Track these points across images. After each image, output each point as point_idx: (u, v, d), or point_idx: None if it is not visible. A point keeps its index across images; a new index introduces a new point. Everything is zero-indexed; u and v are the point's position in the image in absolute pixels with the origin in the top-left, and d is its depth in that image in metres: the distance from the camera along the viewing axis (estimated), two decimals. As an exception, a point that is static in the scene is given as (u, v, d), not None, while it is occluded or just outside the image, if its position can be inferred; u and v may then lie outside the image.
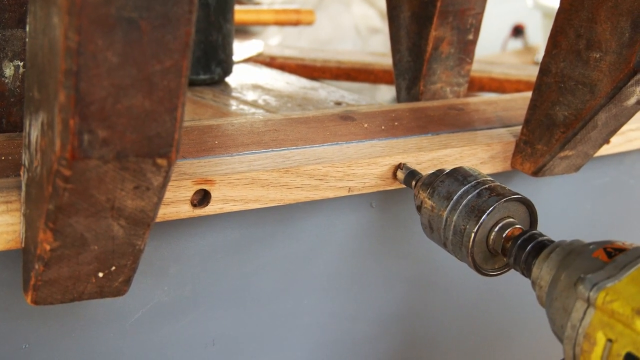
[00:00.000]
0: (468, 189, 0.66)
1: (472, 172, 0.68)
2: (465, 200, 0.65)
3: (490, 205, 0.64)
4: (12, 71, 0.68)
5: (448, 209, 0.66)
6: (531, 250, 0.62)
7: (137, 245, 0.52)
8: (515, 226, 0.65)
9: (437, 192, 0.67)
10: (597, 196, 0.99)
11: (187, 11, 0.44)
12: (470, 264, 0.65)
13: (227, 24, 1.06)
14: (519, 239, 0.63)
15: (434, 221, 0.67)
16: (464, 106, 0.89)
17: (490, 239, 0.65)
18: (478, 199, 0.65)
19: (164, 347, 0.72)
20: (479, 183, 0.66)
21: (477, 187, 0.66)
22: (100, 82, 0.43)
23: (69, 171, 0.45)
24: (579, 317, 0.53)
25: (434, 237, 0.69)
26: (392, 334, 0.88)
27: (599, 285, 0.52)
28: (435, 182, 0.68)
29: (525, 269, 0.62)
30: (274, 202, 0.67)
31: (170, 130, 0.46)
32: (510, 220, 0.65)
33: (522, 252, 0.62)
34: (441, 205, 0.67)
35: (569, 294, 0.55)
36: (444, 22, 0.87)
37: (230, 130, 0.74)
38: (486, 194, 0.65)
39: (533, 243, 0.62)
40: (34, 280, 0.53)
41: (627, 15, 0.67)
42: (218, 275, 0.72)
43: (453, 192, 0.66)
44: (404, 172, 0.73)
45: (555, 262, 0.59)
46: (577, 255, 0.57)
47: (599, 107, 0.71)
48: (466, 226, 0.64)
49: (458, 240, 0.65)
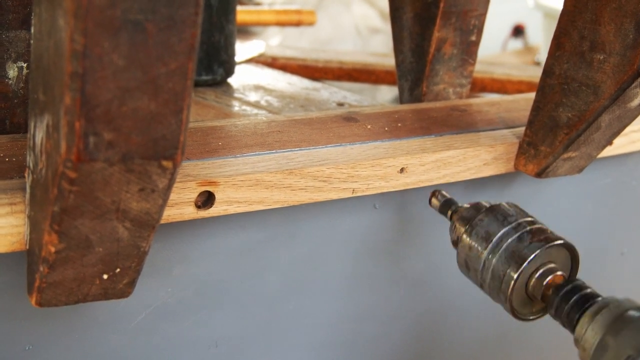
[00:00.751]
0: (508, 231, 0.63)
1: (512, 211, 0.65)
2: (506, 244, 0.62)
3: (532, 252, 0.61)
4: (16, 72, 0.68)
5: (487, 252, 0.63)
6: (574, 305, 0.59)
7: (141, 247, 0.52)
8: (557, 273, 0.62)
9: (475, 231, 0.65)
10: (599, 197, 0.99)
11: (192, 13, 0.44)
12: (508, 310, 0.63)
13: (229, 24, 1.06)
14: (561, 290, 0.61)
15: (472, 261, 0.65)
16: (466, 107, 0.89)
17: (530, 285, 0.62)
18: (519, 243, 0.62)
19: (167, 349, 0.72)
20: (519, 225, 0.63)
21: (518, 230, 0.63)
22: (106, 85, 0.43)
23: (75, 173, 0.45)
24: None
25: (470, 276, 0.66)
26: (396, 335, 0.88)
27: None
28: (474, 220, 0.65)
29: (567, 323, 0.60)
30: (277, 204, 0.66)
31: (175, 133, 0.46)
32: (551, 266, 0.63)
33: (565, 304, 0.60)
34: (480, 246, 0.64)
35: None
36: (446, 24, 0.87)
37: (233, 131, 0.74)
38: (527, 238, 0.62)
39: (577, 296, 0.59)
40: (39, 282, 0.53)
41: (631, 17, 0.67)
42: (222, 276, 0.72)
43: (493, 234, 0.63)
44: (439, 200, 0.71)
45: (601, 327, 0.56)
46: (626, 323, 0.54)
47: (603, 108, 0.71)
48: (505, 272, 0.62)
49: (496, 285, 0.63)
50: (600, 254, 1.04)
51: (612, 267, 1.06)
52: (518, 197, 0.90)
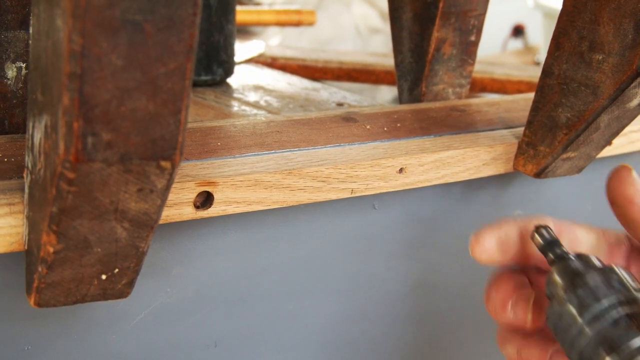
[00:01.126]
0: (608, 307, 0.54)
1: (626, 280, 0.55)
2: (599, 324, 0.53)
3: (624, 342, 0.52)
4: (15, 73, 0.68)
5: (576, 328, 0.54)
6: None
7: (140, 248, 0.52)
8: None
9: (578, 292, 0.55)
10: (599, 197, 0.99)
11: (191, 14, 0.44)
12: None
13: (228, 24, 1.06)
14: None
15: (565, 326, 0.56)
16: (466, 107, 0.89)
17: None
18: (613, 328, 0.53)
19: (166, 349, 0.72)
20: (620, 303, 0.54)
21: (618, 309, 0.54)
22: (104, 85, 0.43)
23: (73, 174, 0.45)
24: None
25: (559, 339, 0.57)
26: (395, 336, 0.88)
27: None
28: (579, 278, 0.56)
29: None
30: (276, 204, 0.66)
31: (174, 133, 0.46)
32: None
33: None
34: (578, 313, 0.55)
35: None
36: (446, 24, 0.87)
37: (232, 131, 0.74)
38: (624, 323, 0.53)
39: None
40: (37, 282, 0.53)
41: (630, 17, 0.67)
42: (220, 277, 0.72)
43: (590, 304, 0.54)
44: (541, 240, 0.61)
45: None
46: None
47: (602, 108, 0.71)
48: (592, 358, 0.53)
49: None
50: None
51: (612, 267, 1.06)
52: (517, 197, 0.90)
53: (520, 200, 0.90)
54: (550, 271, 0.59)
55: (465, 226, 0.87)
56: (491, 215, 0.89)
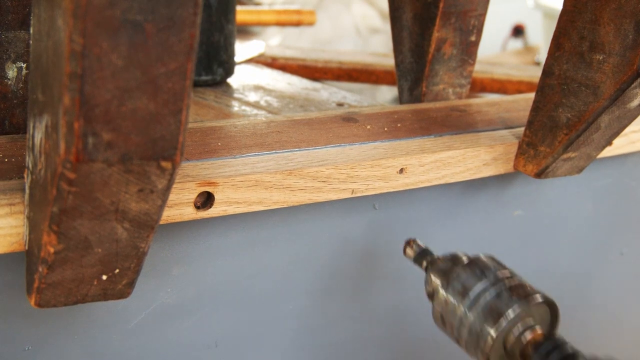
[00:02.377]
0: (487, 286, 0.61)
1: (491, 263, 0.64)
2: (483, 300, 0.60)
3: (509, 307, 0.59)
4: (15, 73, 0.68)
5: (464, 307, 0.61)
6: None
7: (140, 248, 0.52)
8: (536, 330, 0.60)
9: (452, 285, 0.63)
10: (598, 198, 0.99)
11: (191, 14, 0.44)
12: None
13: (228, 24, 1.06)
14: (540, 347, 0.59)
15: (448, 316, 0.63)
16: (466, 107, 0.89)
17: (509, 343, 0.60)
18: (497, 299, 0.60)
19: (166, 349, 0.72)
20: (498, 280, 0.61)
21: (496, 285, 0.61)
22: (104, 85, 0.43)
23: (74, 174, 0.45)
24: None
25: (446, 331, 0.64)
26: (396, 336, 0.88)
27: None
28: (451, 274, 0.63)
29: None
30: (277, 204, 0.66)
31: (174, 133, 0.46)
32: (530, 322, 0.61)
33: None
34: (456, 301, 0.62)
35: None
36: (446, 24, 0.87)
37: (233, 132, 0.74)
38: (506, 295, 0.60)
39: (557, 353, 0.58)
40: (38, 282, 0.53)
41: (631, 17, 0.67)
42: (221, 277, 0.72)
43: (469, 288, 0.62)
44: (414, 250, 0.69)
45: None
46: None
47: (602, 109, 0.71)
48: (482, 329, 0.60)
49: (474, 341, 0.61)
50: (600, 254, 1.04)
51: (612, 267, 1.06)
52: (517, 198, 0.90)
53: (521, 200, 0.90)
54: (427, 275, 0.66)
55: (466, 226, 0.87)
56: (492, 216, 0.89)
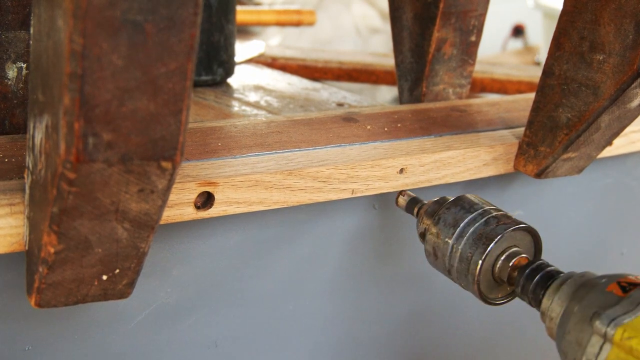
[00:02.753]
0: (475, 216, 0.66)
1: (477, 200, 0.68)
2: (472, 228, 0.65)
3: (497, 233, 0.64)
4: (15, 73, 0.68)
5: (454, 237, 0.66)
6: (539, 281, 0.61)
7: (141, 248, 0.52)
8: (522, 255, 0.65)
9: (442, 219, 0.67)
10: (599, 198, 0.99)
11: (192, 14, 0.44)
12: (476, 293, 0.65)
13: (229, 24, 1.06)
14: (526, 269, 0.63)
15: (439, 248, 0.67)
16: (466, 107, 0.89)
17: (496, 268, 0.65)
18: (485, 226, 0.64)
19: (166, 349, 0.72)
20: (485, 211, 0.66)
21: (484, 215, 0.65)
22: (105, 85, 0.43)
23: (74, 174, 0.45)
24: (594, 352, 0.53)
25: (438, 265, 0.68)
26: (396, 335, 0.88)
27: (616, 321, 0.52)
28: (441, 210, 0.68)
29: (534, 299, 0.62)
30: (277, 205, 0.66)
31: (175, 133, 0.46)
32: (516, 249, 0.65)
33: (530, 282, 0.62)
34: (447, 232, 0.66)
35: (584, 328, 0.54)
36: (446, 24, 0.87)
37: (233, 132, 0.74)
38: (493, 222, 0.65)
39: (541, 273, 0.62)
40: (38, 283, 0.53)
41: (631, 17, 0.67)
42: (221, 277, 0.72)
43: (459, 220, 0.66)
44: (405, 199, 0.73)
45: (566, 295, 0.58)
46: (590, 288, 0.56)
47: (602, 109, 0.71)
48: (473, 254, 0.64)
49: (464, 268, 0.65)
50: (600, 254, 1.04)
51: (612, 267, 1.05)
52: (518, 198, 0.90)
53: (521, 200, 0.90)
54: (418, 218, 0.71)
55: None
56: (491, 216, 0.89)
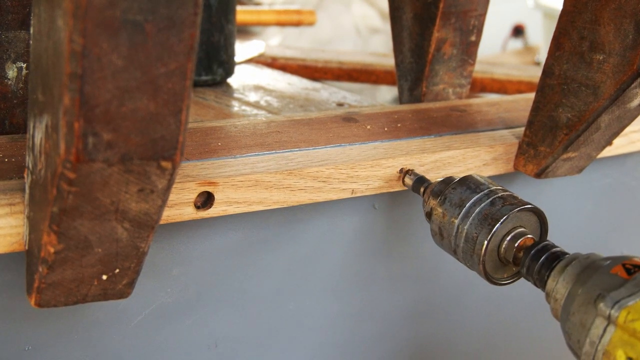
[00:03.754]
0: (481, 197, 0.65)
1: (484, 180, 0.68)
2: (478, 208, 0.64)
3: (503, 214, 0.63)
4: (15, 73, 0.68)
5: (460, 217, 0.65)
6: (545, 262, 0.61)
7: (140, 248, 0.52)
8: (527, 236, 0.64)
9: (448, 199, 0.67)
10: (599, 197, 0.99)
11: (191, 14, 0.44)
12: (481, 273, 0.65)
13: (228, 24, 1.06)
14: (532, 250, 0.63)
15: (445, 228, 0.67)
16: (466, 107, 0.89)
17: (502, 248, 0.65)
18: (491, 207, 0.64)
19: (166, 349, 0.72)
20: (491, 192, 0.66)
21: (490, 196, 0.65)
22: (105, 85, 0.43)
23: (74, 174, 0.45)
24: (598, 333, 0.53)
25: (444, 245, 0.68)
26: (396, 335, 0.88)
27: (620, 304, 0.52)
28: (447, 190, 0.67)
29: (539, 280, 0.62)
30: (277, 204, 0.66)
31: (174, 133, 0.46)
32: (522, 230, 0.65)
33: (536, 263, 0.62)
34: (453, 212, 0.66)
35: (588, 309, 0.54)
36: (446, 24, 0.87)
37: (233, 132, 0.74)
38: (499, 202, 0.64)
39: (547, 254, 0.62)
40: (38, 282, 0.53)
41: (631, 17, 0.67)
42: (221, 277, 0.72)
43: (465, 200, 0.66)
44: (412, 178, 0.72)
45: (571, 276, 0.58)
46: (594, 270, 0.56)
47: (602, 109, 0.71)
48: (478, 234, 0.64)
49: (469, 248, 0.65)
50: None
51: (612, 268, 1.06)
52: (518, 198, 0.90)
53: (521, 200, 0.90)
54: (424, 198, 0.70)
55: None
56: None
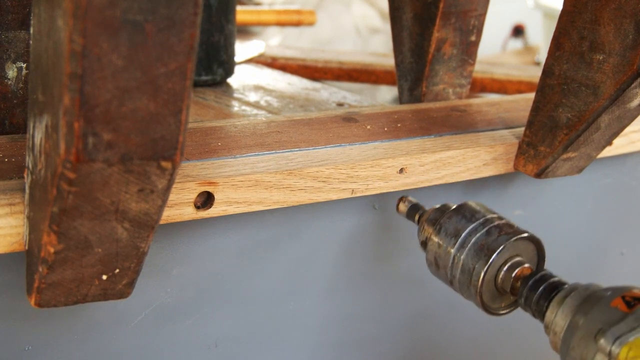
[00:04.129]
0: (476, 226, 0.65)
1: (479, 208, 0.67)
2: (474, 238, 0.64)
3: (500, 244, 0.63)
4: (15, 73, 0.68)
5: (456, 247, 0.65)
6: (543, 292, 0.61)
7: (140, 248, 0.52)
8: (524, 265, 0.64)
9: (444, 228, 0.66)
10: (599, 197, 0.99)
11: (191, 14, 0.44)
12: (479, 304, 0.64)
13: (228, 24, 1.06)
14: (529, 280, 0.62)
15: (441, 259, 0.66)
16: (466, 107, 0.89)
17: (499, 279, 0.64)
18: (487, 237, 0.64)
19: (166, 349, 0.72)
20: (487, 220, 0.65)
21: (486, 225, 0.65)
22: (105, 85, 0.43)
23: (74, 174, 0.45)
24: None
25: (440, 275, 0.67)
26: (395, 335, 0.88)
27: (621, 340, 0.52)
28: (442, 219, 0.67)
29: (537, 311, 0.61)
30: (277, 204, 0.66)
31: (174, 133, 0.46)
32: (519, 259, 0.64)
33: (534, 293, 0.61)
34: (449, 242, 0.65)
35: (588, 344, 0.54)
36: (446, 24, 0.87)
37: (233, 132, 0.74)
38: (495, 232, 0.64)
39: (545, 285, 0.61)
40: (38, 282, 0.53)
41: (631, 17, 0.67)
42: (221, 277, 0.72)
43: (461, 230, 0.65)
44: (406, 205, 0.72)
45: (570, 308, 0.58)
46: (594, 302, 0.56)
47: (602, 109, 0.71)
48: (475, 265, 0.63)
49: (466, 279, 0.64)
50: (600, 254, 1.04)
51: (612, 267, 1.06)
52: (518, 198, 0.90)
53: (521, 200, 0.90)
54: (419, 226, 0.70)
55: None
56: (491, 216, 0.89)
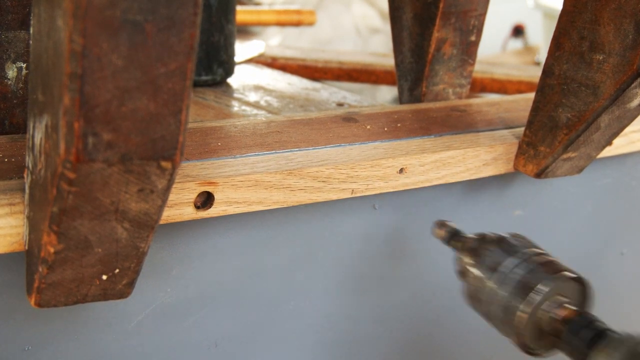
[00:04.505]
0: (518, 262, 0.62)
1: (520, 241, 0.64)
2: (515, 275, 0.61)
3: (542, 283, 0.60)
4: (15, 73, 0.68)
5: (495, 283, 0.62)
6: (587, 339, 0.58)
7: (140, 248, 0.52)
8: (568, 307, 0.60)
9: (483, 261, 0.64)
10: (599, 197, 0.99)
11: (191, 14, 0.44)
12: (518, 344, 0.61)
13: (228, 24, 1.06)
14: (573, 323, 0.59)
15: (479, 293, 0.64)
16: (466, 107, 0.89)
17: (540, 318, 0.61)
18: (528, 275, 0.61)
19: (166, 349, 0.72)
20: (528, 256, 0.62)
21: (527, 262, 0.62)
22: (105, 85, 0.43)
23: (74, 174, 0.45)
24: None
25: (478, 309, 0.65)
26: (394, 335, 0.88)
27: None
28: (481, 251, 0.64)
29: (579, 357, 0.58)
30: (277, 204, 0.66)
31: (174, 133, 0.46)
32: (562, 299, 0.61)
33: (577, 338, 0.58)
34: (487, 277, 0.63)
35: None
36: (446, 24, 0.87)
37: (233, 132, 0.74)
38: (537, 270, 0.61)
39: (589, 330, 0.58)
40: (38, 282, 0.53)
41: (631, 17, 0.67)
42: (221, 277, 0.72)
43: (500, 264, 0.62)
44: (446, 231, 0.70)
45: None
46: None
47: (602, 109, 0.71)
48: (515, 304, 0.60)
49: (505, 317, 0.61)
50: (600, 254, 1.04)
51: (612, 267, 1.06)
52: (517, 198, 0.90)
53: (521, 200, 0.90)
54: (457, 254, 0.68)
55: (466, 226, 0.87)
56: (492, 215, 0.89)
